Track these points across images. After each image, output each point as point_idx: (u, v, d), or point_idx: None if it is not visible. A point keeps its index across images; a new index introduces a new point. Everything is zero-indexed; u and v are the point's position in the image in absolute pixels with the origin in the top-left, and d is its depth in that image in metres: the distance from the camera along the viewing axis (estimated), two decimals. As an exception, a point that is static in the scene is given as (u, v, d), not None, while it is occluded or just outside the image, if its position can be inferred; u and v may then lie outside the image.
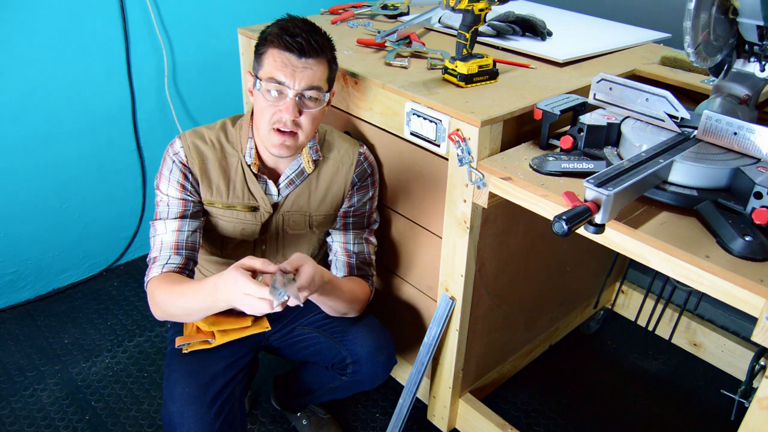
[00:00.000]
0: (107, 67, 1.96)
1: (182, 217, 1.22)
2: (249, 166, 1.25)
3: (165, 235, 1.22)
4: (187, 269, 1.22)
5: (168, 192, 1.22)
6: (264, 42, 1.15)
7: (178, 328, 1.35)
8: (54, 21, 1.80)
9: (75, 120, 1.95)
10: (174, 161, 1.22)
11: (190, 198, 1.23)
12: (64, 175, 2.00)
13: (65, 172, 2.00)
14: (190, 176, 1.23)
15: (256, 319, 1.41)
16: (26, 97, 1.83)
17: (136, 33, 1.98)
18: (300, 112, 1.15)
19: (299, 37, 1.11)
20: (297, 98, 1.14)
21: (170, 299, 1.14)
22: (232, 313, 1.39)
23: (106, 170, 2.09)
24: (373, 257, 1.42)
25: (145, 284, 1.21)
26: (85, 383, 1.76)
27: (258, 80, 1.15)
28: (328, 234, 1.41)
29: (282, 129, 1.16)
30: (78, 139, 1.99)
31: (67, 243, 2.10)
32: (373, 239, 1.42)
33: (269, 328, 1.40)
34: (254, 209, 1.27)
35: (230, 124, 1.28)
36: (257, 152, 1.25)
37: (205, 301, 1.09)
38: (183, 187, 1.22)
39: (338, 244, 1.38)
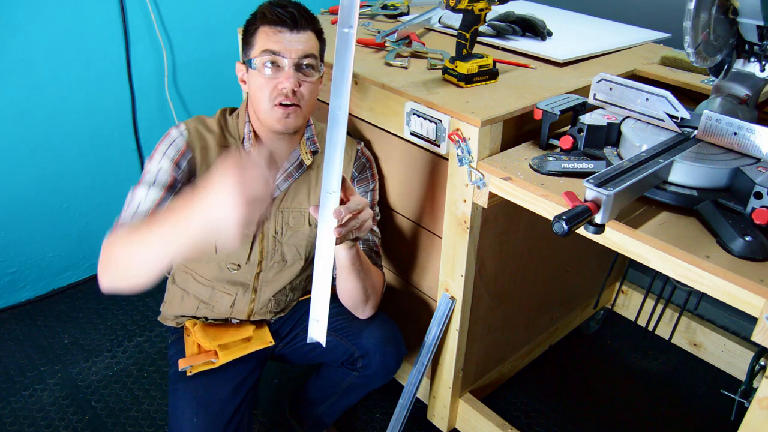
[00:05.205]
0: (107, 67, 1.96)
1: (169, 188, 1.13)
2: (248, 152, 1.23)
3: (144, 203, 1.10)
4: None
5: (161, 164, 1.15)
6: (253, 21, 1.15)
7: (179, 347, 1.33)
8: (54, 21, 1.80)
9: (75, 120, 1.95)
10: (175, 139, 1.18)
11: (179, 177, 1.17)
12: (65, 175, 2.00)
13: (65, 172, 2.00)
14: (189, 156, 1.18)
15: (257, 327, 1.40)
16: (26, 97, 1.83)
17: (136, 33, 1.98)
18: (299, 84, 1.15)
19: (290, 8, 1.13)
20: (294, 68, 1.13)
21: (130, 244, 0.94)
22: (230, 326, 1.39)
23: (106, 170, 2.09)
24: (379, 248, 1.40)
25: (106, 238, 1.02)
26: (85, 383, 1.77)
27: (251, 60, 1.14)
28: None
29: (284, 102, 1.14)
30: (78, 139, 1.99)
31: (67, 243, 2.10)
32: (376, 230, 1.41)
33: (272, 343, 1.38)
34: None
35: (228, 113, 1.28)
36: (255, 136, 1.24)
37: (176, 227, 0.86)
38: (177, 164, 1.17)
39: None
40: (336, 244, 1.00)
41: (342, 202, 1.00)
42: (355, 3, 0.87)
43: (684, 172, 1.01)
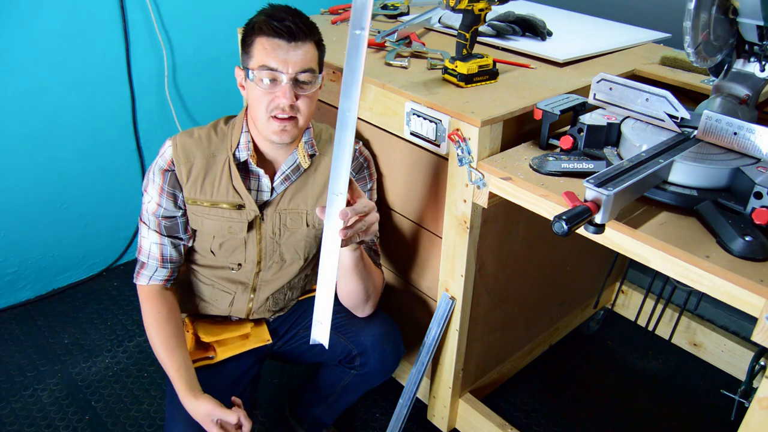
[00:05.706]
0: (107, 67, 1.96)
1: (159, 233, 1.26)
2: (245, 161, 1.23)
3: (152, 245, 1.26)
4: (172, 279, 1.30)
5: (150, 194, 1.24)
6: (251, 32, 1.14)
7: None
8: (54, 21, 1.80)
9: (75, 120, 1.95)
10: (157, 163, 1.23)
11: (165, 206, 1.23)
12: (65, 175, 2.00)
13: (65, 172, 2.00)
14: (172, 179, 1.22)
15: (255, 324, 1.41)
16: (26, 97, 1.83)
17: (136, 33, 1.98)
18: (296, 97, 1.14)
19: (287, 21, 1.10)
20: (291, 82, 1.12)
21: (154, 337, 1.26)
22: (228, 323, 1.39)
23: (106, 170, 2.09)
24: (378, 247, 1.40)
25: (134, 280, 1.30)
26: (85, 383, 1.77)
27: (249, 71, 1.14)
28: None
29: (280, 116, 1.14)
30: (78, 139, 1.99)
31: (67, 243, 2.10)
32: None
33: (270, 341, 1.39)
34: (240, 207, 1.25)
35: (223, 123, 1.28)
36: (254, 145, 1.24)
37: (170, 373, 1.25)
38: (162, 189, 1.22)
39: None
40: (341, 246, 1.01)
41: (348, 204, 1.00)
42: (367, 5, 0.85)
43: (684, 172, 1.01)
